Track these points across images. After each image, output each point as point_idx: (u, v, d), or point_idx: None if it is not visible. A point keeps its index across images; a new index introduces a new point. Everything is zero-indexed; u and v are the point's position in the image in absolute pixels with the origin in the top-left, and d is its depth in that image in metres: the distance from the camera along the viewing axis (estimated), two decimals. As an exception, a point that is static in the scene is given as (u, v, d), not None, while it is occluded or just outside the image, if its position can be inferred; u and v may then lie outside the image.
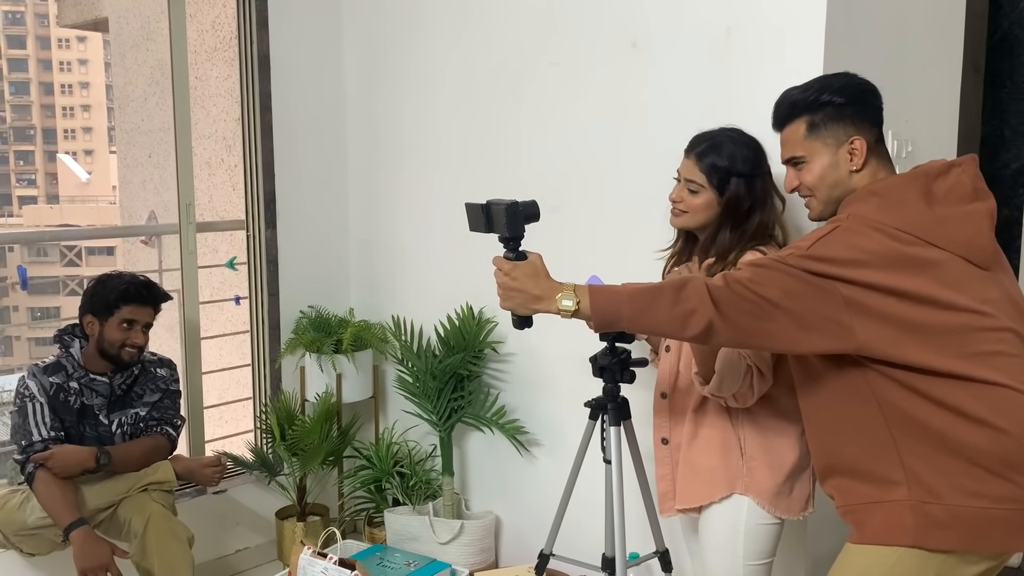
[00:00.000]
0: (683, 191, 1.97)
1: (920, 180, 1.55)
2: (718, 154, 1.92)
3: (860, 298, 1.47)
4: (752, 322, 1.51)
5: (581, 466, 2.26)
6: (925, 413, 1.50)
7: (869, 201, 1.56)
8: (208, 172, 4.26)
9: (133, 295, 2.56)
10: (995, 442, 1.47)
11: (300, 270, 3.32)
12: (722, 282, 1.53)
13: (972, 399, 1.48)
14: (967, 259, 1.50)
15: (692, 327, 1.52)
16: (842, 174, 1.62)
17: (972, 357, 1.47)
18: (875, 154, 1.63)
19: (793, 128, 1.66)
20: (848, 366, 1.56)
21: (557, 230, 2.71)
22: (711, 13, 2.31)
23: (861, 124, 1.62)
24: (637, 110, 2.53)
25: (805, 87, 1.68)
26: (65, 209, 40.39)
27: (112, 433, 2.62)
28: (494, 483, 3.09)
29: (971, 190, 1.55)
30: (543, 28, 2.73)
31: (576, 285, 1.60)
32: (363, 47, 3.32)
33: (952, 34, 2.78)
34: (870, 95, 1.66)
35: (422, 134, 3.16)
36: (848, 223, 1.54)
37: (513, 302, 1.64)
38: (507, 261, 1.66)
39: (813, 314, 1.49)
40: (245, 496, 3.25)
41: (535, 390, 2.91)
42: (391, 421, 3.32)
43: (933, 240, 1.49)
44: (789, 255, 1.54)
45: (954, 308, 1.48)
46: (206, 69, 4.15)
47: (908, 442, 1.52)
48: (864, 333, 1.49)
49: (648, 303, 1.55)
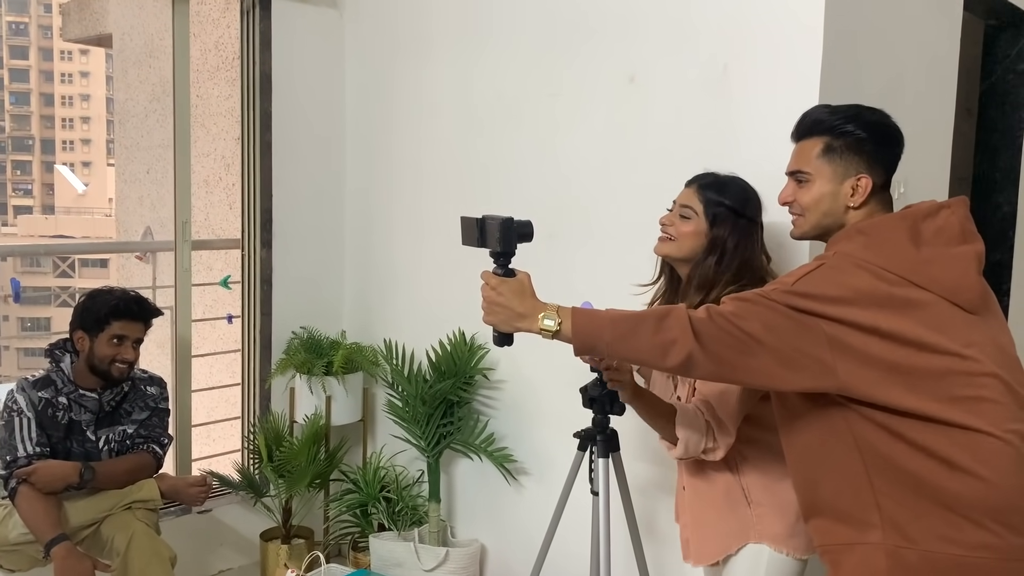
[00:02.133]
0: (675, 217, 1.98)
1: (908, 220, 1.54)
2: (719, 190, 1.95)
3: (843, 337, 1.47)
4: (733, 356, 1.50)
5: (568, 497, 2.26)
6: (903, 456, 1.49)
7: (856, 239, 1.55)
8: (206, 190, 4.27)
9: (123, 311, 2.55)
10: (972, 489, 1.46)
11: (294, 290, 3.32)
12: (705, 314, 1.52)
13: (951, 444, 1.46)
14: (953, 302, 1.49)
15: (672, 357, 1.51)
16: (839, 206, 1.62)
17: (953, 401, 1.46)
18: (877, 198, 1.62)
19: (809, 143, 1.65)
20: (828, 405, 1.55)
21: (552, 257, 2.73)
22: (709, 51, 2.34)
23: (874, 165, 1.61)
24: (634, 143, 2.55)
25: (836, 109, 1.65)
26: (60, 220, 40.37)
27: (99, 450, 2.61)
28: (481, 511, 3.07)
29: (959, 232, 1.54)
30: (543, 59, 2.76)
31: (560, 307, 1.60)
32: (365, 71, 3.35)
33: (946, 78, 2.82)
34: (894, 141, 1.64)
35: (420, 159, 3.18)
36: (834, 261, 1.54)
37: (496, 317, 1.63)
38: (495, 276, 1.66)
39: (794, 351, 1.48)
40: (230, 516, 3.23)
41: (525, 418, 2.91)
42: (379, 445, 3.31)
43: (919, 281, 1.48)
44: (773, 290, 1.53)
45: (937, 351, 1.46)
46: (207, 88, 4.18)
47: (885, 485, 1.52)
48: (845, 372, 1.48)
49: (629, 330, 1.54)
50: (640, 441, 2.46)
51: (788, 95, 2.20)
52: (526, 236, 1.70)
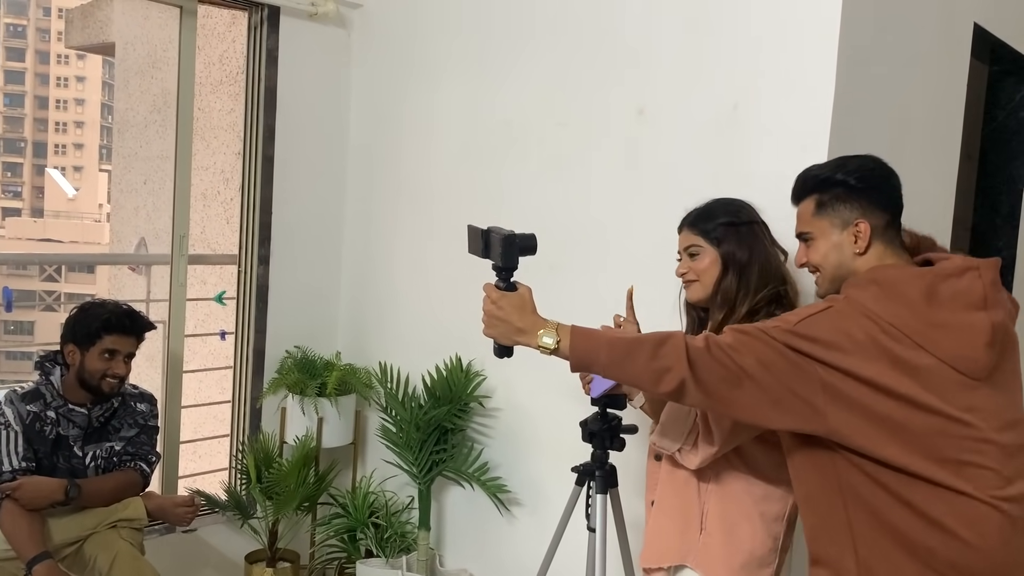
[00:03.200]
0: (686, 262, 1.97)
1: (927, 278, 1.51)
2: (708, 215, 1.96)
3: (837, 384, 1.45)
4: (724, 388, 1.49)
5: (564, 532, 2.22)
6: (885, 507, 1.48)
7: (868, 289, 1.54)
8: (203, 203, 4.24)
9: (116, 325, 2.51)
10: (951, 550, 1.45)
11: (289, 309, 3.29)
12: (703, 344, 1.51)
13: (936, 502, 1.45)
14: (956, 369, 1.46)
15: (665, 384, 1.51)
16: (846, 256, 1.62)
17: (942, 462, 1.45)
18: (883, 239, 1.61)
19: (804, 205, 1.68)
20: (817, 445, 1.54)
21: (554, 288, 2.70)
22: (719, 89, 2.34)
23: (870, 208, 1.61)
24: (640, 175, 2.54)
25: (822, 165, 1.69)
26: (49, 224, 40.13)
27: (85, 466, 2.56)
28: (471, 541, 3.03)
29: (980, 298, 1.50)
30: (552, 88, 2.75)
31: (559, 324, 1.61)
32: (370, 91, 3.34)
33: (952, 123, 2.83)
34: (883, 180, 1.64)
35: (422, 182, 3.16)
36: (841, 306, 1.53)
37: (495, 330, 1.64)
38: (496, 289, 1.67)
39: (786, 391, 1.47)
40: (215, 537, 3.17)
41: (520, 448, 2.87)
42: (369, 469, 3.27)
43: (923, 344, 1.46)
44: (775, 327, 1.52)
45: (931, 411, 1.45)
46: (210, 101, 4.16)
47: (865, 532, 1.50)
48: (835, 419, 1.47)
49: (626, 354, 1.55)
50: (638, 478, 2.42)
51: (798, 136, 2.20)
52: (529, 250, 1.70)
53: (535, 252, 1.70)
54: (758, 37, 2.28)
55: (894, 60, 2.44)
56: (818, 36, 2.16)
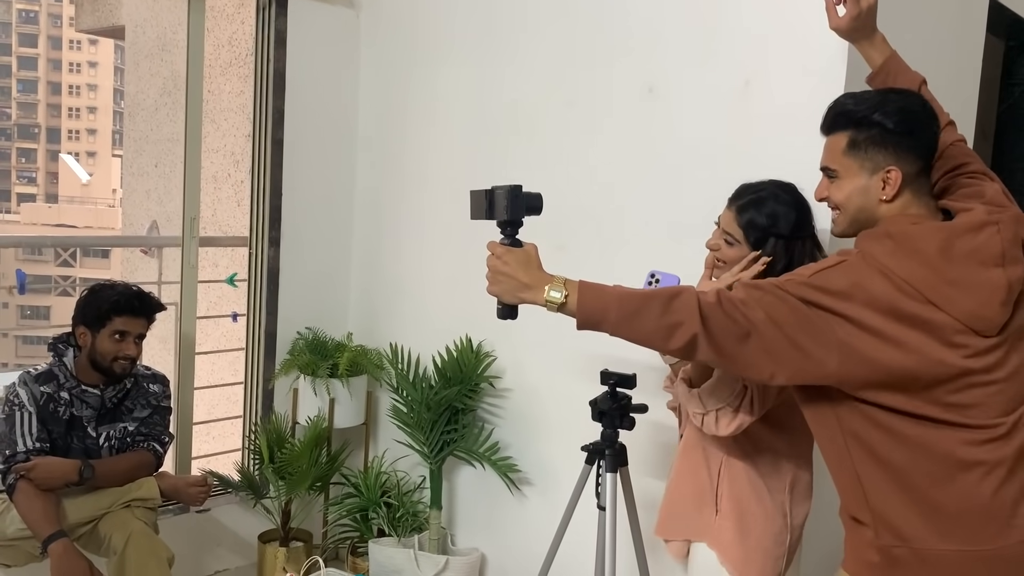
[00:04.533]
0: (720, 240, 1.91)
1: (943, 233, 1.48)
2: (758, 211, 1.85)
3: (850, 334, 1.44)
4: (733, 345, 1.46)
5: (574, 511, 2.23)
6: (887, 450, 1.48)
7: (883, 243, 1.50)
8: (214, 186, 4.24)
9: (125, 306, 2.52)
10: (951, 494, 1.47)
11: (300, 290, 3.30)
12: (715, 299, 1.48)
13: (938, 444, 1.47)
14: (969, 326, 1.45)
15: (676, 340, 1.47)
16: (871, 200, 1.55)
17: (947, 407, 1.46)
18: (912, 187, 1.54)
19: (835, 139, 1.59)
20: (819, 399, 1.53)
21: (562, 268, 2.70)
22: (730, 65, 2.32)
23: (904, 154, 1.52)
24: (650, 154, 2.52)
25: (861, 99, 1.57)
26: (63, 209, 40.39)
27: (99, 446, 2.58)
28: (482, 520, 3.04)
29: (998, 253, 1.46)
30: (560, 67, 2.73)
31: (567, 279, 1.55)
32: (379, 72, 3.33)
33: (967, 99, 2.80)
34: (922, 125, 1.55)
35: (432, 163, 3.16)
36: (855, 259, 1.50)
37: (500, 287, 1.58)
38: (501, 245, 1.61)
39: (791, 345, 1.45)
40: (228, 517, 3.20)
41: (530, 428, 2.88)
42: (381, 449, 3.28)
43: (936, 300, 1.44)
44: (788, 281, 1.49)
45: (940, 363, 1.44)
46: (219, 84, 4.15)
47: (873, 482, 1.51)
48: (844, 368, 1.45)
49: (636, 310, 1.50)
50: (648, 456, 2.43)
51: (810, 113, 2.16)
52: (535, 208, 1.65)
53: (540, 212, 1.64)
54: (769, 13, 2.25)
55: (908, 36, 2.40)
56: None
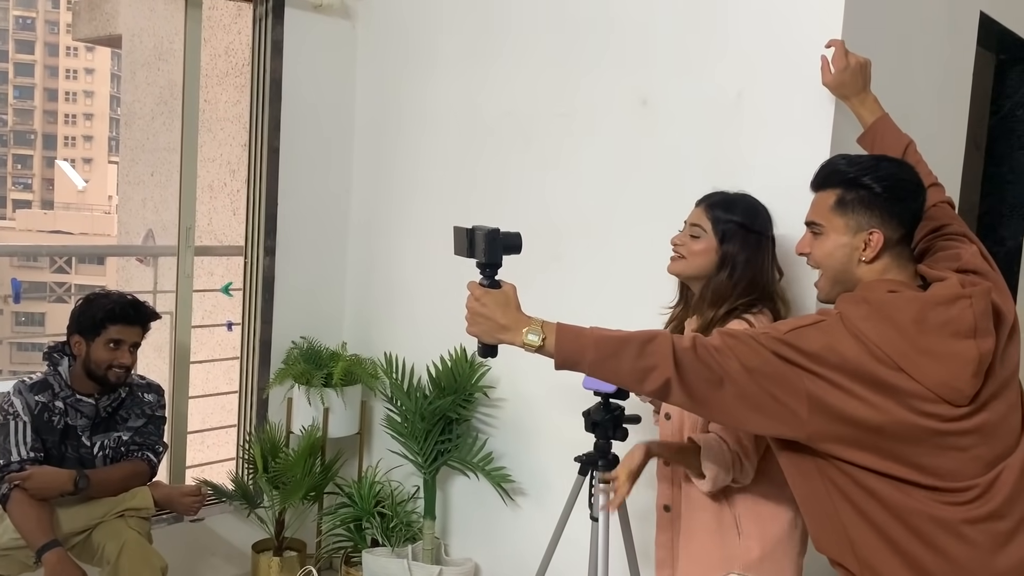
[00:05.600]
0: (685, 236, 1.99)
1: (917, 304, 1.50)
2: (728, 208, 1.96)
3: (821, 394, 1.46)
4: (706, 389, 1.49)
5: (567, 522, 2.24)
6: (873, 511, 1.50)
7: (860, 307, 1.53)
8: (210, 195, 4.25)
9: (119, 315, 2.53)
10: (936, 562, 1.48)
11: (295, 300, 3.31)
12: (690, 344, 1.51)
13: (917, 512, 1.48)
14: (939, 396, 1.47)
15: (650, 383, 1.51)
16: (851, 261, 1.60)
17: (922, 470, 1.47)
18: (893, 252, 1.59)
19: (824, 196, 1.64)
20: (800, 450, 1.55)
21: (557, 278, 2.72)
22: (723, 77, 2.33)
23: (888, 219, 1.57)
24: (643, 166, 2.54)
25: (853, 161, 1.64)
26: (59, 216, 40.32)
27: (93, 456, 2.58)
28: (476, 530, 3.05)
29: (970, 326, 1.48)
30: (555, 78, 2.75)
31: (544, 321, 1.58)
32: (375, 83, 3.35)
33: (958, 111, 2.82)
34: (910, 195, 1.60)
35: (427, 173, 3.17)
36: (832, 322, 1.53)
37: (479, 328, 1.61)
38: (480, 287, 1.63)
39: (767, 396, 1.48)
40: (222, 526, 3.19)
41: (524, 438, 2.88)
42: (375, 459, 3.29)
43: (907, 369, 1.46)
44: (764, 334, 1.53)
45: (911, 426, 1.46)
46: (216, 93, 4.17)
47: (861, 535, 1.52)
48: (816, 427, 1.48)
49: (612, 352, 1.53)
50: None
51: (801, 125, 2.20)
52: (513, 248, 1.67)
53: (520, 251, 1.67)
54: (761, 25, 2.27)
55: (899, 49, 2.43)
56: (821, 24, 2.15)
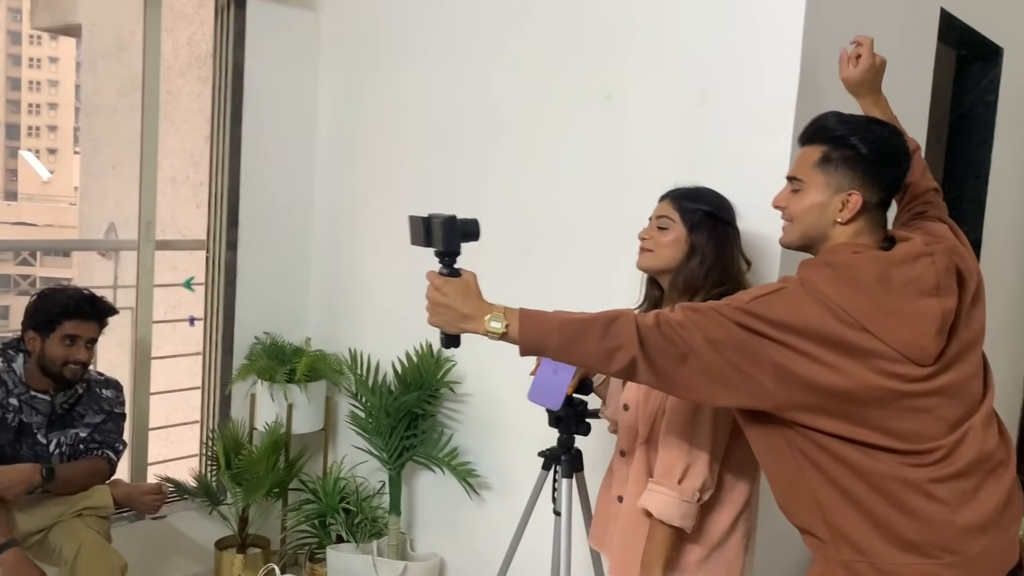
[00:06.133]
0: (653, 229, 1.96)
1: (880, 263, 1.50)
2: (694, 198, 1.95)
3: (786, 362, 1.46)
4: (671, 366, 1.49)
5: (531, 516, 2.24)
6: (842, 477, 1.50)
7: (823, 272, 1.52)
8: (173, 188, 4.19)
9: (75, 310, 2.48)
10: (903, 523, 1.49)
11: (259, 294, 3.27)
12: (653, 321, 1.50)
13: (885, 475, 1.49)
14: (904, 355, 1.47)
15: (616, 362, 1.50)
16: (826, 220, 1.58)
17: (888, 433, 1.48)
18: (868, 216, 1.57)
19: (810, 151, 1.60)
20: (767, 421, 1.55)
21: (525, 273, 2.71)
22: (685, 75, 2.34)
23: (870, 183, 1.56)
24: (609, 160, 2.54)
25: (844, 119, 1.61)
26: (24, 207, 39.57)
27: (50, 454, 2.54)
28: (442, 525, 3.04)
29: (933, 284, 1.49)
30: (522, 72, 2.74)
31: (507, 308, 1.56)
32: (340, 75, 3.31)
33: (918, 107, 2.85)
34: (895, 161, 1.59)
35: (393, 165, 3.14)
36: (794, 287, 1.52)
37: (441, 318, 1.58)
38: (440, 276, 1.60)
39: (732, 368, 1.47)
40: (185, 523, 3.16)
41: (490, 433, 2.88)
42: (341, 455, 3.26)
43: (873, 330, 1.46)
44: (726, 305, 1.51)
45: (878, 388, 1.46)
46: (179, 85, 4.10)
47: (830, 501, 1.52)
48: (782, 396, 1.47)
49: (577, 335, 1.52)
50: (604, 462, 2.44)
51: (764, 121, 2.21)
52: (471, 235, 1.65)
53: (478, 238, 1.65)
54: (723, 22, 2.28)
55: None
56: (782, 22, 2.16)
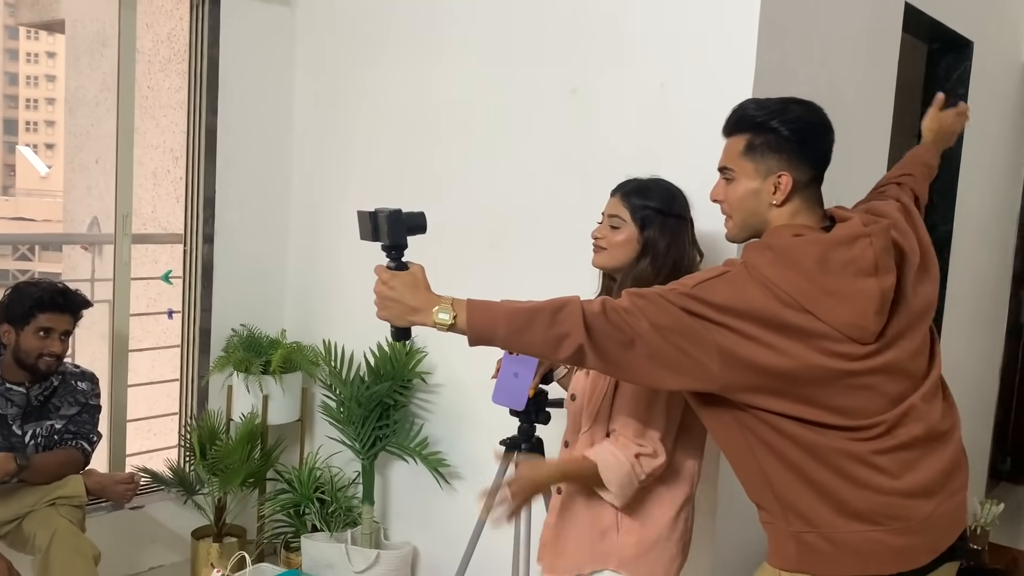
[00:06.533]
0: (605, 228, 1.98)
1: (819, 246, 1.52)
2: (644, 195, 1.95)
3: (731, 346, 1.48)
4: (618, 351, 1.50)
5: (494, 504, 2.27)
6: (790, 452, 1.53)
7: (764, 255, 1.55)
8: (154, 182, 4.22)
9: (48, 303, 2.52)
10: (851, 493, 1.53)
11: (235, 287, 3.30)
12: (599, 308, 1.52)
13: (830, 450, 1.52)
14: (847, 335, 1.50)
15: (564, 350, 1.52)
16: (762, 204, 1.60)
17: (833, 411, 1.51)
18: (803, 195, 1.59)
19: (734, 141, 1.63)
20: (717, 402, 1.58)
21: (494, 266, 2.75)
22: (646, 69, 2.37)
23: (797, 161, 1.58)
24: (576, 154, 2.57)
25: (762, 104, 1.63)
26: (21, 202, 39.53)
27: (25, 445, 2.57)
28: (415, 514, 3.08)
29: (871, 265, 1.51)
30: (490, 67, 2.77)
31: (455, 299, 1.56)
32: (315, 70, 3.34)
33: (883, 99, 2.88)
34: (816, 135, 1.61)
35: (367, 160, 3.18)
36: (737, 271, 1.54)
37: (389, 312, 1.59)
38: (387, 270, 1.61)
39: (678, 352, 1.49)
40: (163, 513, 3.20)
41: (461, 423, 2.91)
42: (317, 445, 3.30)
43: (815, 311, 1.49)
44: (671, 290, 1.54)
45: (821, 368, 1.49)
46: (159, 79, 4.13)
47: (777, 476, 1.56)
48: (729, 378, 1.50)
49: (524, 324, 1.53)
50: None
51: (721, 113, 2.22)
52: (417, 228, 1.66)
53: (425, 230, 1.66)
54: (683, 18, 2.31)
55: (819, 40, 2.48)
56: (738, 17, 2.19)
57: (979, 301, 4.05)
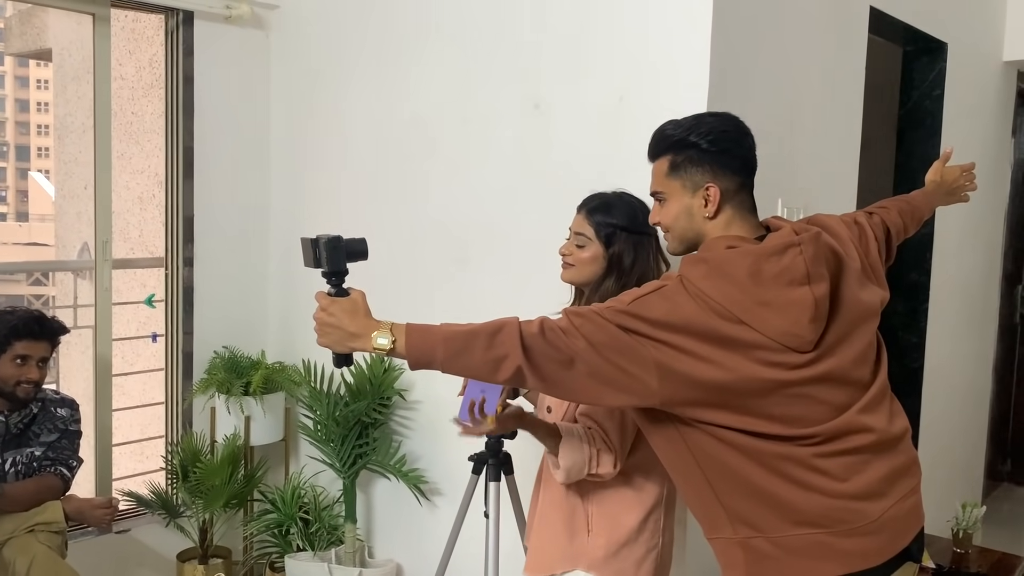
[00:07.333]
0: (572, 245, 2.00)
1: (751, 257, 1.53)
2: (607, 212, 1.97)
3: (668, 361, 1.48)
4: (558, 371, 1.51)
5: (464, 519, 2.28)
6: (734, 461, 1.54)
7: (698, 267, 1.56)
8: (140, 207, 4.26)
9: (24, 330, 2.55)
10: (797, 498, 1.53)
11: (217, 309, 3.33)
12: (537, 329, 1.53)
13: (775, 457, 1.52)
14: (783, 344, 1.50)
15: (503, 372, 1.52)
16: (696, 219, 1.62)
17: (772, 419, 1.51)
18: (733, 203, 1.61)
19: (659, 164, 1.66)
20: (660, 417, 1.58)
21: (461, 282, 2.76)
22: (605, 83, 2.39)
23: (721, 172, 1.60)
24: (539, 168, 2.59)
25: (678, 123, 1.66)
26: (35, 228, 39.85)
27: (5, 472, 2.60)
28: (398, 531, 3.08)
29: (803, 274, 1.52)
30: (456, 86, 2.79)
31: (393, 324, 1.55)
32: (290, 93, 3.37)
33: (851, 102, 2.88)
34: (735, 143, 1.64)
35: (341, 180, 3.20)
36: (672, 286, 1.55)
37: (329, 339, 1.57)
38: (327, 297, 1.59)
39: (616, 370, 1.49)
40: (149, 536, 3.21)
41: (439, 439, 2.92)
42: (301, 465, 3.31)
43: (749, 321, 1.49)
44: (608, 308, 1.54)
45: (758, 379, 1.50)
46: (142, 105, 4.17)
47: (722, 485, 1.56)
48: (668, 393, 1.50)
49: (462, 347, 1.53)
50: (534, 464, 2.48)
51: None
52: (358, 254, 1.66)
53: (366, 256, 1.66)
54: (637, 30, 2.33)
55: (779, 49, 2.49)
56: (691, 29, 2.21)
57: (966, 302, 4.03)
